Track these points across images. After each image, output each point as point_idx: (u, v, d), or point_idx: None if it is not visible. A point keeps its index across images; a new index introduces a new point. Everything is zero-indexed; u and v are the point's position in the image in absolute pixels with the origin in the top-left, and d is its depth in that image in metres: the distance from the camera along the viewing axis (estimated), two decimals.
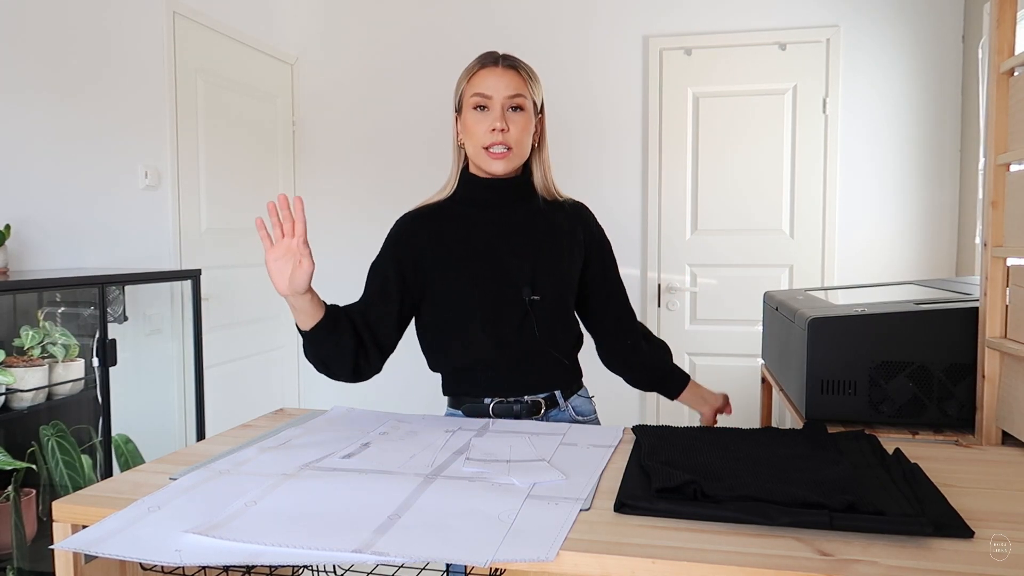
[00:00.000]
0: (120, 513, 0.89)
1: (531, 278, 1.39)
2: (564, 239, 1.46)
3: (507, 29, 3.35)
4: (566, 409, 1.47)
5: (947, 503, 0.90)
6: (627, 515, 0.90)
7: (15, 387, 1.91)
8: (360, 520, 0.86)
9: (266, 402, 3.27)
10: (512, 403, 1.42)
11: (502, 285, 1.39)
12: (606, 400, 3.35)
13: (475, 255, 1.40)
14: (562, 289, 1.44)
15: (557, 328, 1.43)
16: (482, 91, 1.36)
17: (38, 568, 1.91)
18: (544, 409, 1.44)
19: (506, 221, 1.43)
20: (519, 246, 1.41)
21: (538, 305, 1.39)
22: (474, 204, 1.43)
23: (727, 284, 3.23)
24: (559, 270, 1.43)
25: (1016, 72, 1.32)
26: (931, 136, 3.05)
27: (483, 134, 1.36)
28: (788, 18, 3.12)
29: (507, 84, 1.36)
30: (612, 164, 3.30)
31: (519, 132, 1.37)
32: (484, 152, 1.37)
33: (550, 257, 1.43)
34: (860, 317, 1.46)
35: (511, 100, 1.36)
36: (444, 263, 1.40)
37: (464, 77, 1.40)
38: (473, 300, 1.39)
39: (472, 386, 1.44)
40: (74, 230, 2.38)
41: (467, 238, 1.41)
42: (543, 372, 1.44)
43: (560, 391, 1.46)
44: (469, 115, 1.38)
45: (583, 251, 1.49)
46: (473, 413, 1.44)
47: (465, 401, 1.45)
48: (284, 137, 3.51)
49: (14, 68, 2.16)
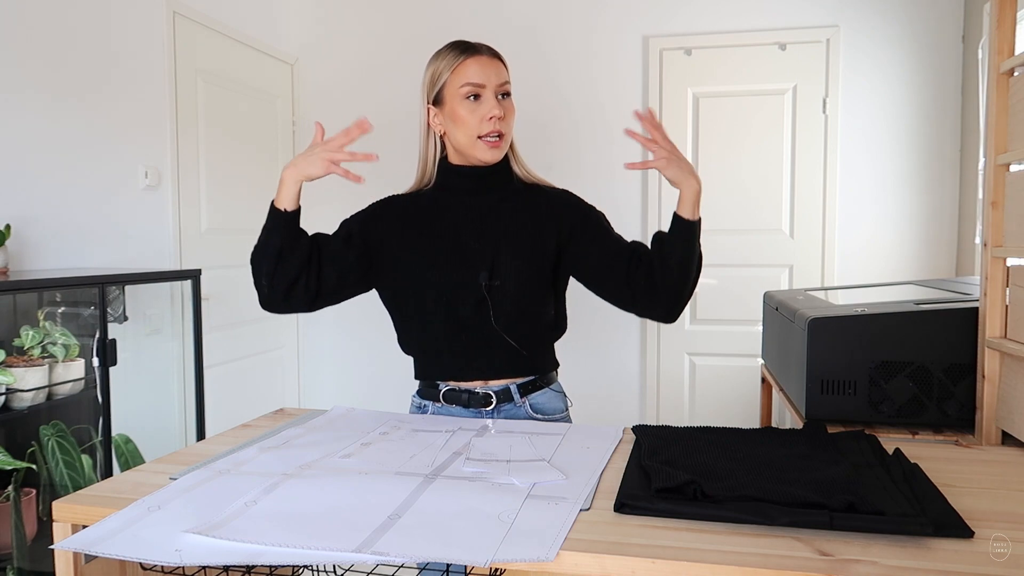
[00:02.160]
0: (120, 513, 0.89)
1: (491, 263, 1.37)
2: (536, 224, 1.41)
3: (507, 29, 3.35)
4: (522, 405, 1.42)
5: (947, 503, 0.90)
6: (627, 515, 0.90)
7: (15, 387, 1.91)
8: (360, 520, 0.86)
9: (266, 402, 3.27)
10: (462, 391, 1.42)
11: (459, 268, 1.38)
12: (606, 400, 3.37)
13: (438, 238, 1.40)
14: (529, 275, 1.39)
15: (519, 316, 1.39)
16: (475, 80, 1.36)
17: (38, 568, 1.91)
18: (496, 403, 1.41)
19: (479, 206, 1.42)
20: (485, 231, 1.40)
21: (497, 290, 1.37)
22: (450, 191, 1.44)
23: (727, 284, 3.23)
24: (527, 256, 1.39)
25: (1016, 72, 1.32)
26: (931, 136, 3.05)
27: (479, 123, 1.36)
28: (788, 18, 3.12)
29: (496, 71, 1.38)
30: (612, 164, 3.30)
31: (510, 118, 1.40)
32: (479, 141, 1.37)
33: (518, 243, 1.39)
34: (860, 317, 1.46)
35: (501, 87, 1.38)
36: (408, 245, 1.41)
37: (446, 68, 1.38)
38: (429, 282, 1.39)
39: (429, 367, 1.45)
40: (74, 230, 2.38)
41: (435, 223, 1.42)
42: (497, 360, 1.41)
43: (516, 385, 1.42)
44: (460, 105, 1.36)
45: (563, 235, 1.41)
46: (428, 396, 1.45)
47: (424, 383, 1.47)
48: (284, 137, 3.51)
49: (15, 68, 2.16)
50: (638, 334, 3.33)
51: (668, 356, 3.31)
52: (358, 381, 3.57)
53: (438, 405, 1.45)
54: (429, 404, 1.46)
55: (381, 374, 3.53)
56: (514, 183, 1.46)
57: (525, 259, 1.39)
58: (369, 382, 3.57)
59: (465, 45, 1.39)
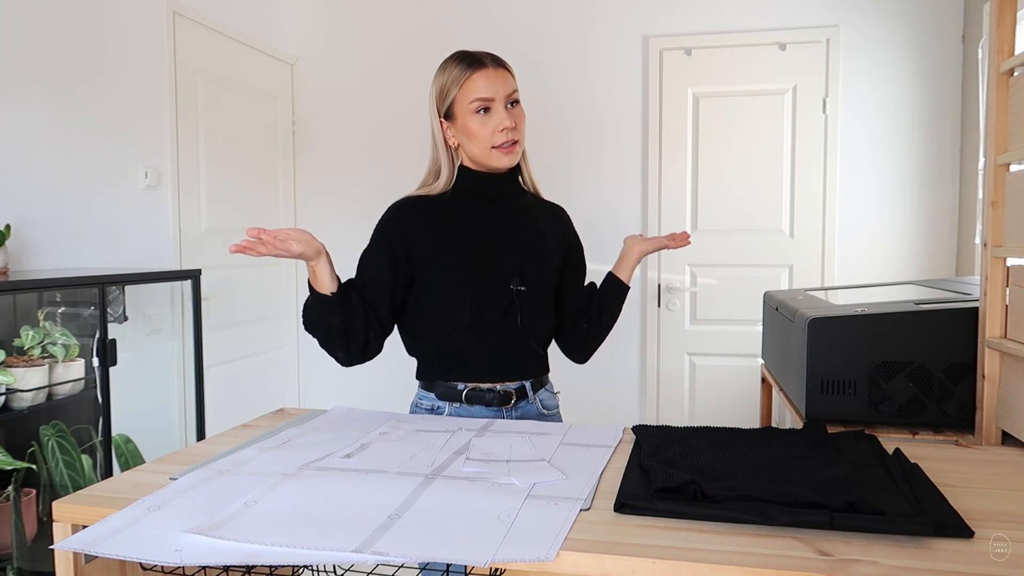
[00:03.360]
0: (120, 513, 0.89)
1: (519, 269, 1.43)
2: (548, 236, 1.51)
3: (507, 29, 3.35)
4: (534, 402, 1.50)
5: (947, 503, 0.90)
6: (627, 515, 0.90)
7: (15, 387, 1.91)
8: (360, 520, 0.86)
9: (266, 402, 3.27)
10: (485, 391, 1.45)
11: (491, 273, 1.42)
12: (606, 400, 3.37)
13: (467, 242, 1.43)
14: (545, 282, 1.48)
15: (538, 320, 1.48)
16: (483, 95, 1.38)
17: (38, 568, 1.91)
18: (515, 400, 1.46)
19: (497, 214, 1.47)
20: (508, 238, 1.46)
21: (524, 296, 1.44)
22: (471, 197, 1.46)
23: (727, 284, 3.23)
24: (543, 264, 1.48)
25: (1016, 72, 1.32)
26: (931, 136, 3.05)
27: (491, 135, 1.39)
28: (788, 18, 3.12)
29: (503, 83, 1.40)
30: (612, 164, 3.30)
31: (521, 124, 1.43)
32: (493, 151, 1.40)
33: (536, 251, 1.48)
34: (860, 317, 1.46)
35: (509, 97, 1.41)
36: (436, 248, 1.42)
37: (454, 83, 1.39)
38: (462, 286, 1.41)
39: (448, 370, 1.46)
40: (74, 230, 2.38)
41: (460, 226, 1.44)
42: (519, 361, 1.47)
43: (531, 383, 1.49)
44: (471, 120, 1.39)
45: (563, 250, 1.54)
46: (446, 397, 1.45)
47: (439, 385, 1.46)
48: (284, 137, 3.51)
49: (14, 68, 2.16)
50: (638, 334, 3.33)
51: (668, 356, 3.31)
52: (358, 381, 3.56)
53: (456, 406, 1.45)
54: (446, 405, 1.45)
55: (381, 374, 3.52)
56: (526, 195, 1.52)
57: (545, 265, 1.49)
58: (369, 382, 3.57)
59: (471, 59, 1.40)
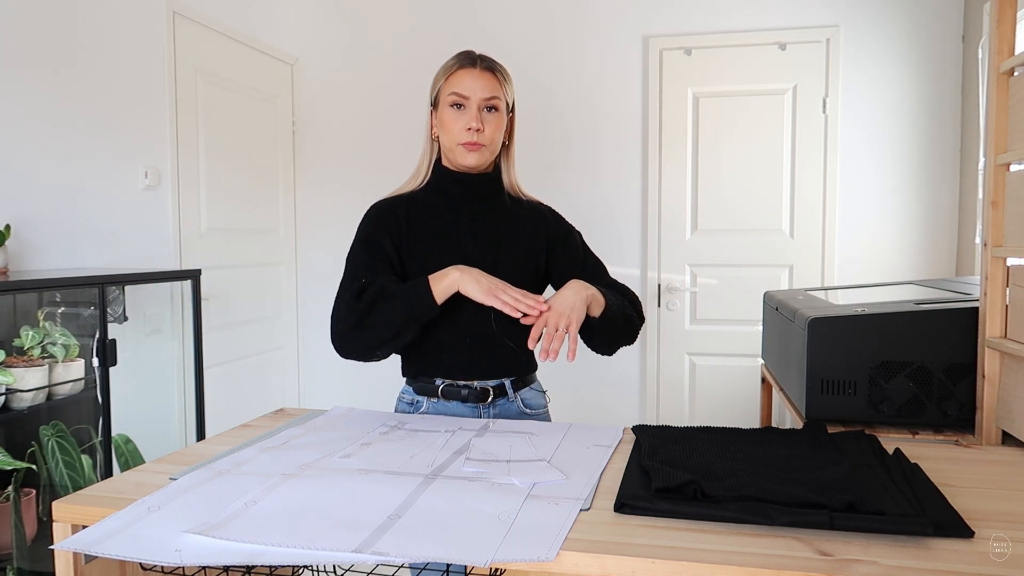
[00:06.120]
0: (120, 513, 0.89)
1: (492, 267, 1.44)
2: (527, 235, 1.51)
3: (507, 29, 3.35)
4: (515, 400, 1.50)
5: (947, 503, 0.90)
6: (627, 515, 0.90)
7: (15, 387, 1.91)
8: (360, 520, 0.86)
9: (266, 402, 3.27)
10: (461, 387, 1.46)
11: None
12: (606, 400, 3.37)
13: (441, 240, 1.46)
14: (523, 281, 1.47)
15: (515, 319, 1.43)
16: (459, 91, 1.42)
17: (38, 568, 1.91)
18: (492, 397, 1.47)
19: (473, 213, 1.49)
20: (484, 237, 1.47)
21: None
22: (444, 195, 1.49)
23: (727, 284, 3.23)
24: (521, 263, 1.49)
25: (1016, 72, 1.32)
26: (931, 136, 3.05)
27: (459, 132, 1.43)
28: (788, 18, 3.12)
29: (484, 86, 1.42)
30: (612, 164, 3.30)
31: (492, 131, 1.44)
32: (459, 146, 1.43)
33: (513, 250, 1.49)
34: (860, 317, 1.46)
35: (487, 101, 1.43)
36: (413, 247, 1.45)
37: (442, 75, 1.46)
38: None
39: (427, 366, 1.48)
40: (74, 230, 2.38)
41: (435, 225, 1.47)
42: (496, 359, 1.48)
43: (511, 381, 1.50)
44: (446, 112, 1.44)
45: (546, 247, 1.54)
46: (424, 392, 1.48)
47: (420, 380, 1.49)
48: (284, 137, 3.51)
49: (14, 68, 2.16)
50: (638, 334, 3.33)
51: (668, 356, 3.31)
52: (358, 381, 3.57)
53: (434, 401, 1.48)
54: (424, 400, 1.49)
55: (381, 374, 3.52)
56: (504, 196, 1.53)
57: (521, 266, 1.49)
58: (369, 382, 3.57)
59: (465, 57, 1.46)
